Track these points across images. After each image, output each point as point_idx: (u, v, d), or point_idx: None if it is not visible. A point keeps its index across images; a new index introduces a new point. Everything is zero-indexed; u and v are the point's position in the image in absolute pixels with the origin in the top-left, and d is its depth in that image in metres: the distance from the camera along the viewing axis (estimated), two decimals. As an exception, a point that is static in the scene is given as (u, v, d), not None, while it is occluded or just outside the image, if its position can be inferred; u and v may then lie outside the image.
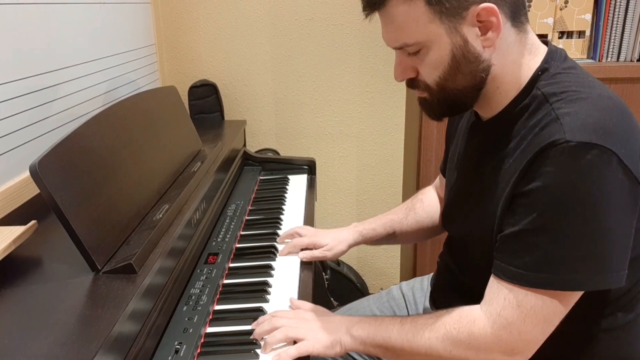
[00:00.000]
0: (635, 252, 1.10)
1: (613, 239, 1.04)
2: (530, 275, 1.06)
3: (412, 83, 1.19)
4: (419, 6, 1.06)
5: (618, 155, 1.00)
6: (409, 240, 1.72)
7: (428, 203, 1.67)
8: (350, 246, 1.64)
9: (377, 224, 1.66)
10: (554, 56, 1.16)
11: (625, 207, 1.04)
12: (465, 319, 1.14)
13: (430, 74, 1.14)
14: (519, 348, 1.11)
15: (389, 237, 1.66)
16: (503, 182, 1.14)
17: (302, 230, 1.68)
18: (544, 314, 1.07)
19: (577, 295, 1.08)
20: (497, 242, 1.14)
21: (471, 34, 1.08)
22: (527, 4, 1.14)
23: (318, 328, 1.26)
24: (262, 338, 1.22)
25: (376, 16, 1.14)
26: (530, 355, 1.12)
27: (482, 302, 1.14)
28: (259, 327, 1.24)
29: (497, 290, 1.11)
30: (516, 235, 1.09)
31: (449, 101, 1.17)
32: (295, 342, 1.22)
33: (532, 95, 1.13)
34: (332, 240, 1.62)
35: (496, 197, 1.15)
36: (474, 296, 1.19)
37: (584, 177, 1.00)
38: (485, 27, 1.08)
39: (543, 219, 1.04)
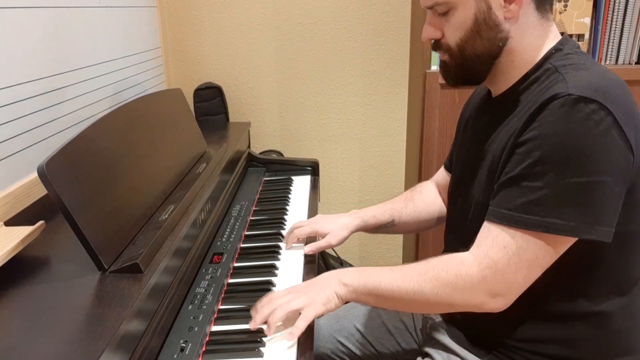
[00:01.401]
0: (626, 226, 1.13)
1: (602, 192, 1.07)
2: (519, 217, 1.10)
3: (437, 45, 1.26)
4: None
5: (615, 116, 1.04)
6: (406, 230, 1.72)
7: (427, 195, 1.69)
8: (352, 232, 1.63)
9: (377, 212, 1.67)
10: (568, 41, 1.23)
11: (616, 166, 1.07)
12: (454, 261, 1.18)
13: (453, 35, 1.21)
14: (501, 290, 1.14)
15: (388, 225, 1.66)
16: (504, 142, 1.18)
17: (300, 223, 1.68)
18: (528, 258, 1.11)
19: (561, 245, 1.11)
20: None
21: (495, 2, 1.15)
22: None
23: (312, 291, 1.27)
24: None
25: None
26: (511, 301, 1.16)
27: (472, 246, 1.18)
28: (259, 312, 1.24)
29: (487, 233, 1.16)
30: (511, 180, 1.13)
31: (465, 66, 1.24)
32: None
33: (543, 69, 1.19)
34: (334, 227, 1.61)
35: (498, 156, 1.19)
36: None
37: (580, 127, 1.04)
38: None
39: (538, 165, 1.08)
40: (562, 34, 1.24)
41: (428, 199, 1.68)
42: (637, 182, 1.12)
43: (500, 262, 1.12)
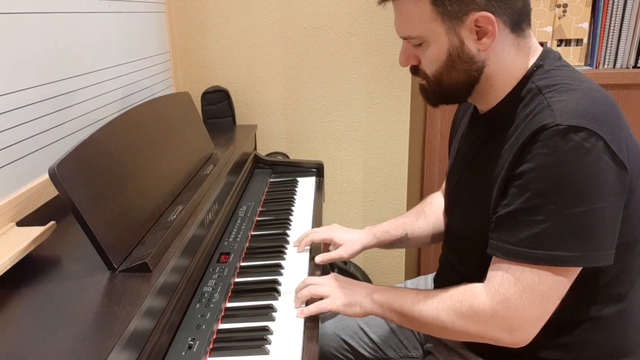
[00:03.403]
0: (623, 238, 1.12)
1: (602, 218, 1.06)
2: (525, 252, 1.08)
3: (414, 70, 1.25)
4: (424, 4, 1.13)
5: (605, 140, 1.03)
6: (420, 243, 1.70)
7: (437, 206, 1.66)
8: (364, 248, 1.61)
9: (390, 227, 1.65)
10: (549, 55, 1.21)
11: (612, 189, 1.06)
12: (468, 293, 1.17)
13: (429, 67, 1.20)
14: (518, 325, 1.12)
15: (402, 240, 1.64)
16: (497, 168, 1.17)
17: (317, 229, 1.68)
18: (541, 291, 1.09)
19: (572, 273, 1.10)
20: (492, 224, 1.16)
21: (468, 37, 1.14)
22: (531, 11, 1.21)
23: (341, 288, 1.33)
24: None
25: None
26: (531, 335, 1.13)
27: (484, 281, 1.16)
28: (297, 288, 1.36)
29: (495, 268, 1.14)
30: (511, 214, 1.11)
31: (443, 93, 1.24)
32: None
33: (526, 89, 1.17)
34: (348, 240, 1.59)
35: (491, 183, 1.18)
36: None
37: (573, 157, 1.03)
38: (482, 32, 1.13)
39: (536, 198, 1.06)
40: (541, 44, 1.23)
41: (439, 210, 1.65)
42: (631, 195, 1.11)
43: (513, 297, 1.10)
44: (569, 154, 1.03)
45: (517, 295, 1.09)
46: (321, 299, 1.32)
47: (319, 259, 1.56)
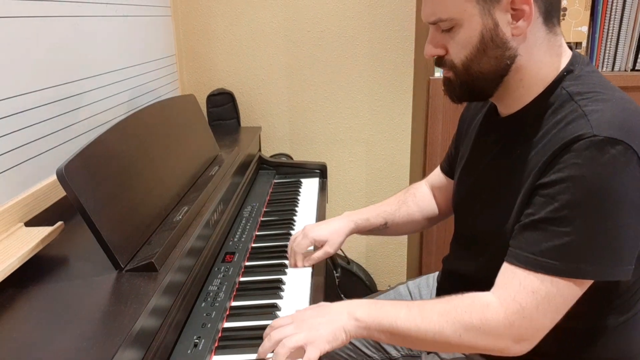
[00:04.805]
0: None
1: (626, 233, 1.02)
2: (547, 262, 1.04)
3: (440, 61, 1.18)
4: None
5: (638, 155, 0.99)
6: (399, 232, 1.66)
7: (420, 197, 1.64)
8: (347, 236, 1.56)
9: (370, 215, 1.60)
10: (579, 59, 1.15)
11: (639, 205, 1.02)
12: (478, 303, 1.09)
13: (458, 53, 1.13)
14: (528, 335, 1.08)
15: (381, 228, 1.61)
16: (524, 175, 1.12)
17: (296, 236, 1.57)
18: (557, 302, 1.05)
19: (587, 285, 1.06)
20: (513, 232, 1.11)
21: (503, 19, 1.07)
22: (561, 9, 1.13)
23: (318, 324, 1.13)
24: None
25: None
26: (535, 344, 1.09)
27: (494, 288, 1.11)
28: (263, 344, 1.13)
29: (511, 276, 1.08)
30: (535, 223, 1.06)
31: (470, 84, 1.16)
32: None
33: (556, 94, 1.12)
34: (329, 234, 1.53)
35: (516, 189, 1.13)
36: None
37: (608, 170, 0.99)
38: (517, 15, 1.07)
39: (565, 209, 1.02)
40: (570, 47, 1.18)
41: (422, 202, 1.63)
42: None
43: (528, 307, 1.05)
44: (604, 167, 0.99)
45: (533, 305, 1.05)
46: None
47: (306, 263, 1.51)
